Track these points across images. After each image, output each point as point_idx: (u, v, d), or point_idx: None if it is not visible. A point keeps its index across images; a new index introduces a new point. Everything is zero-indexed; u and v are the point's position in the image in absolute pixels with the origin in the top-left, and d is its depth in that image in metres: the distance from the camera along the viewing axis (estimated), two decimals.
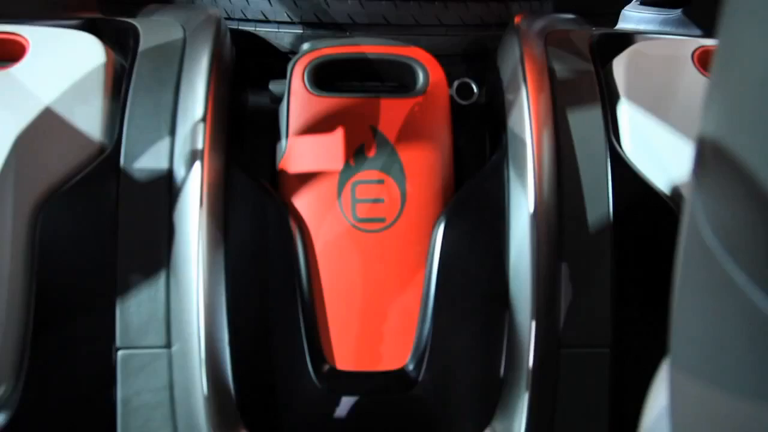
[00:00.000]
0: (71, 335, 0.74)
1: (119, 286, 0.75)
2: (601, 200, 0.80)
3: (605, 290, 0.79)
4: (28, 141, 0.71)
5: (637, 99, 0.84)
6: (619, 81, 0.86)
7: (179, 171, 0.77)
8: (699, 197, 0.33)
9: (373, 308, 0.83)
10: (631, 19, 1.12)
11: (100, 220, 0.76)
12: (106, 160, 0.77)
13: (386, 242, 0.84)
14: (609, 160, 0.81)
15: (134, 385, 0.74)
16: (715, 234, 0.31)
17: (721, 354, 0.32)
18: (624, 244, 0.79)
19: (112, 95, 0.81)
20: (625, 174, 0.81)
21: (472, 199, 0.85)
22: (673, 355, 0.36)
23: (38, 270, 0.72)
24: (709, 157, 0.31)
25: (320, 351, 0.82)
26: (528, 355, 0.77)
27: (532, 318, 0.77)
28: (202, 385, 0.74)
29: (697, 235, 0.33)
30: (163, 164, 0.77)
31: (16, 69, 0.77)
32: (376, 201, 0.85)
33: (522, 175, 0.81)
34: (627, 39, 0.94)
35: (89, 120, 0.78)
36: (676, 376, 0.36)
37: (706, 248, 0.31)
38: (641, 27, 1.10)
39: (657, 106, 0.82)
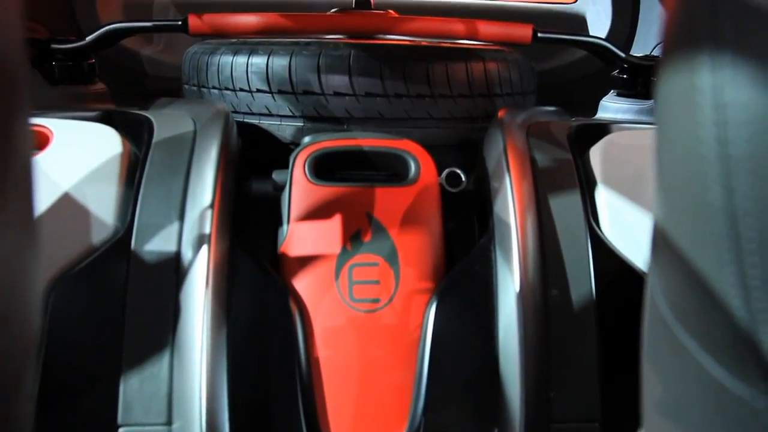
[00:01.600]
0: (74, 412, 0.74)
1: (124, 363, 0.75)
2: (583, 279, 0.82)
3: (592, 365, 0.80)
4: (45, 224, 0.74)
5: (612, 184, 0.87)
6: (596, 168, 0.89)
7: (187, 253, 0.79)
8: (654, 273, 0.36)
9: (369, 385, 0.84)
10: (609, 108, 1.17)
11: (109, 299, 0.77)
12: (117, 242, 0.79)
13: (381, 322, 0.85)
14: (589, 241, 0.84)
15: None
16: (668, 306, 0.34)
17: (684, 416, 0.35)
18: (607, 320, 0.81)
19: (126, 182, 0.84)
20: (605, 254, 0.83)
21: (462, 280, 0.87)
22: (646, 422, 0.38)
23: (45, 347, 0.73)
24: (659, 239, 0.35)
25: (318, 428, 0.82)
26: (520, 431, 0.77)
27: (522, 393, 0.78)
28: None
29: (655, 308, 0.36)
30: (172, 247, 0.79)
31: (40, 157, 0.81)
32: (371, 283, 0.86)
33: (508, 256, 0.83)
34: (603, 129, 0.98)
35: (104, 205, 0.81)
36: None
37: (663, 319, 0.35)
38: (618, 116, 1.14)
39: (631, 191, 0.85)
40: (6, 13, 0.25)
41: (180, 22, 1.08)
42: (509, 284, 0.82)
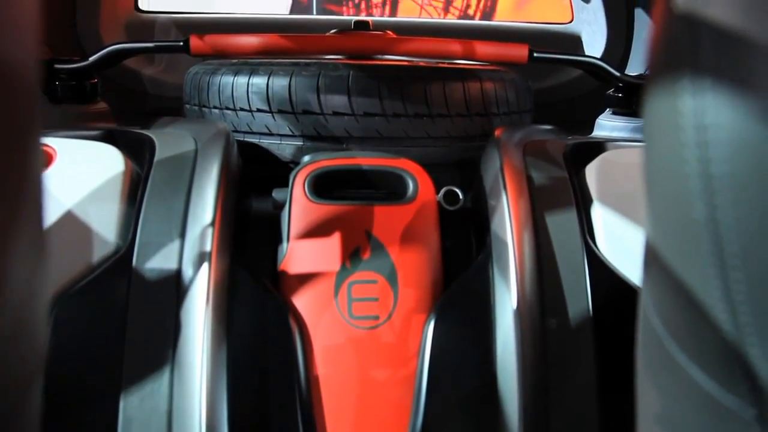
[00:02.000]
0: (74, 428, 0.75)
1: (124, 380, 0.76)
2: (580, 295, 0.83)
3: (590, 381, 0.80)
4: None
5: (608, 202, 0.88)
6: (592, 186, 0.90)
7: (187, 271, 0.80)
8: (646, 289, 0.38)
9: (367, 402, 0.84)
10: (605, 127, 1.18)
11: (109, 316, 0.78)
12: (119, 260, 0.80)
13: (380, 338, 0.85)
14: (585, 258, 0.84)
15: None
16: (660, 321, 0.35)
17: (679, 430, 0.36)
18: (605, 336, 0.81)
19: (128, 200, 0.85)
20: (601, 270, 0.84)
21: (459, 297, 0.87)
22: None
23: (46, 364, 0.73)
24: (650, 256, 0.37)
25: None
26: None
27: (520, 410, 0.78)
28: None
29: (648, 323, 0.38)
30: (173, 264, 0.80)
31: (44, 175, 0.82)
32: (370, 300, 0.87)
33: (505, 273, 0.84)
34: (598, 147, 0.99)
35: (106, 223, 0.82)
36: None
37: (656, 334, 0.36)
38: (614, 134, 1.15)
39: (626, 208, 0.86)
40: (24, 35, 0.26)
41: (181, 43, 1.11)
42: (507, 301, 0.82)
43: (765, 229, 0.26)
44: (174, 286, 0.79)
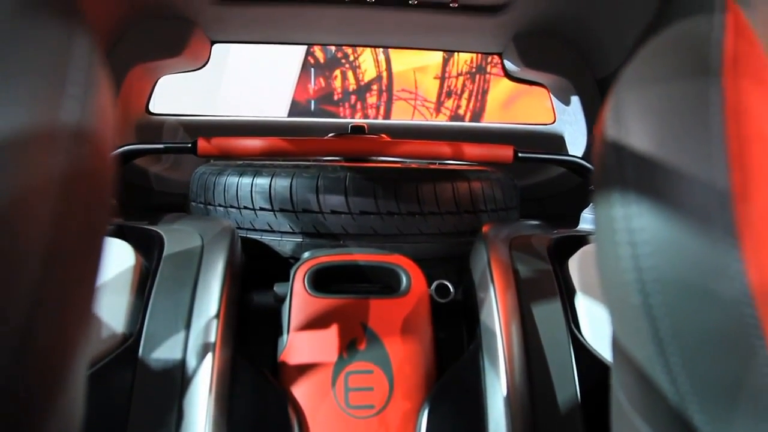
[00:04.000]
0: None
1: None
2: (568, 382, 0.85)
3: None
4: None
5: (590, 292, 0.91)
6: (575, 277, 0.94)
7: (191, 361, 0.82)
8: (614, 367, 0.43)
9: None
10: (588, 220, 1.21)
11: (114, 405, 0.79)
12: (125, 350, 0.82)
13: (376, 427, 0.87)
14: (571, 346, 0.87)
15: None
16: (625, 396, 0.40)
17: None
18: (593, 420, 0.83)
19: (137, 293, 0.88)
20: (587, 357, 0.86)
21: (452, 386, 0.90)
22: None
23: None
24: (615, 344, 0.42)
25: None
26: None
27: None
28: None
29: (616, 398, 0.43)
30: (177, 355, 0.83)
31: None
32: (366, 389, 0.88)
33: (495, 363, 0.86)
34: (580, 240, 1.03)
35: (115, 314, 0.85)
36: None
37: (621, 407, 0.41)
38: None
39: None
40: (107, 147, 0.33)
41: (190, 145, 1.17)
42: (497, 389, 0.85)
43: (689, 309, 0.32)
44: (178, 376, 0.82)
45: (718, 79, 0.31)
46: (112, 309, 0.85)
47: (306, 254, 1.02)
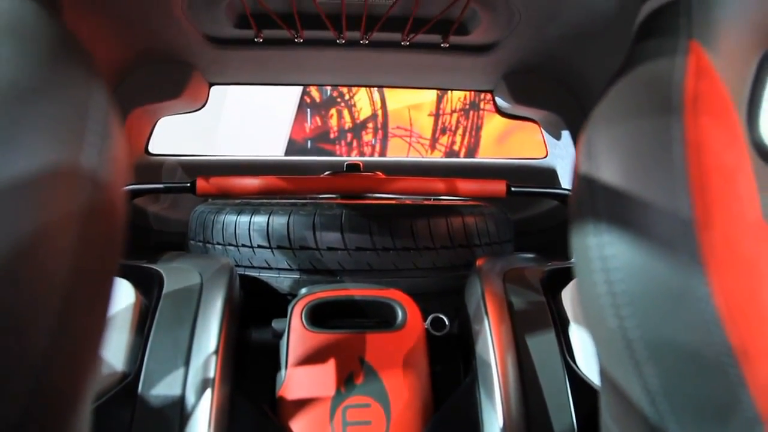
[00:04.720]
0: None
1: None
2: (563, 412, 0.86)
3: None
4: None
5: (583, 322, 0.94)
6: (568, 308, 0.96)
7: (190, 398, 0.83)
8: (602, 393, 0.45)
9: None
10: None
11: None
12: (125, 387, 0.83)
13: None
14: (566, 375, 0.88)
15: None
16: (611, 419, 0.42)
17: None
18: None
19: (137, 331, 0.89)
20: (582, 387, 0.87)
21: (449, 418, 0.90)
22: None
23: None
24: (600, 368, 0.44)
25: None
26: None
27: None
28: None
29: (605, 422, 0.45)
30: (177, 391, 0.83)
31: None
32: (364, 423, 0.89)
33: (491, 394, 0.87)
34: (573, 271, 1.06)
35: (115, 352, 0.85)
36: None
37: (609, 429, 0.43)
38: None
39: None
40: (120, 181, 0.35)
41: (188, 184, 1.19)
42: (494, 421, 0.85)
43: (661, 330, 0.34)
44: (177, 413, 0.82)
45: (679, 117, 0.34)
46: (112, 347, 0.86)
47: (303, 290, 1.04)
